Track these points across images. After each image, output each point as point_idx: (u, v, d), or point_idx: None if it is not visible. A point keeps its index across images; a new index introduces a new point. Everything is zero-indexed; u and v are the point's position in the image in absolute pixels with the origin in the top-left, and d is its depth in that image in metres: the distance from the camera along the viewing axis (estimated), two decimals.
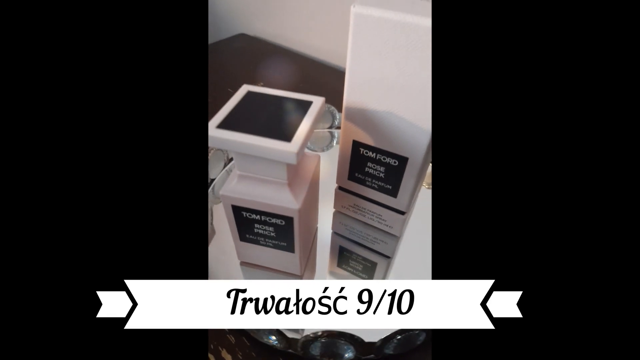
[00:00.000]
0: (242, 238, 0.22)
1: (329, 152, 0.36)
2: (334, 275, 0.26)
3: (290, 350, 0.20)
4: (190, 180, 0.13)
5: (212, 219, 0.29)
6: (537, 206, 0.12)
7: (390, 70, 0.18)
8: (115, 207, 0.13)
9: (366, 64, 0.19)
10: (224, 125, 0.17)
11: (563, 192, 0.12)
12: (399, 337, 0.19)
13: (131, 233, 0.13)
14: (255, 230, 0.21)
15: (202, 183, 0.15)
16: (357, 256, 0.27)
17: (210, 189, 0.31)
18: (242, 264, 0.24)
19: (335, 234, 0.28)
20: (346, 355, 0.19)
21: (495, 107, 0.12)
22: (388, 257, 0.27)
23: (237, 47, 0.58)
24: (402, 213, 0.24)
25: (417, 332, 0.19)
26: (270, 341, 0.20)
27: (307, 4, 0.52)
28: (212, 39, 0.65)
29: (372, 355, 0.20)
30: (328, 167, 0.28)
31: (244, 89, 0.19)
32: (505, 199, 0.12)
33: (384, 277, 0.27)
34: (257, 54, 0.56)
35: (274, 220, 0.20)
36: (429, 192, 0.32)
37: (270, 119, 0.17)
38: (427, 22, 0.16)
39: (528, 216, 0.12)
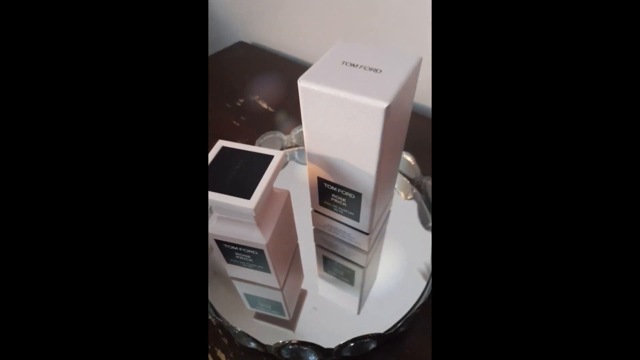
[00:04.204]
0: (228, 261, 0.26)
1: None
2: (323, 278, 0.30)
3: (269, 353, 0.25)
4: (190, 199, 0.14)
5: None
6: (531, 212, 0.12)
7: (336, 129, 0.21)
8: (117, 214, 0.13)
9: (317, 123, 0.22)
10: None
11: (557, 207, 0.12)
12: (352, 344, 0.23)
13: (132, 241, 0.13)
14: (237, 256, 0.25)
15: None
16: (339, 264, 0.32)
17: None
18: (232, 278, 0.29)
19: (317, 245, 0.33)
20: (311, 357, 0.24)
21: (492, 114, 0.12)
22: (362, 266, 0.31)
23: (235, 57, 0.60)
24: (366, 234, 0.28)
25: (367, 340, 0.23)
26: (252, 346, 0.25)
27: (304, 10, 0.53)
28: (210, 48, 0.67)
29: (334, 357, 0.24)
30: None
31: (219, 144, 0.23)
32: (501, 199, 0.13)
33: (362, 283, 0.31)
34: (254, 64, 0.58)
35: (249, 251, 0.24)
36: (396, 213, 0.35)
37: (237, 175, 0.21)
38: (359, 98, 0.19)
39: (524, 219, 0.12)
